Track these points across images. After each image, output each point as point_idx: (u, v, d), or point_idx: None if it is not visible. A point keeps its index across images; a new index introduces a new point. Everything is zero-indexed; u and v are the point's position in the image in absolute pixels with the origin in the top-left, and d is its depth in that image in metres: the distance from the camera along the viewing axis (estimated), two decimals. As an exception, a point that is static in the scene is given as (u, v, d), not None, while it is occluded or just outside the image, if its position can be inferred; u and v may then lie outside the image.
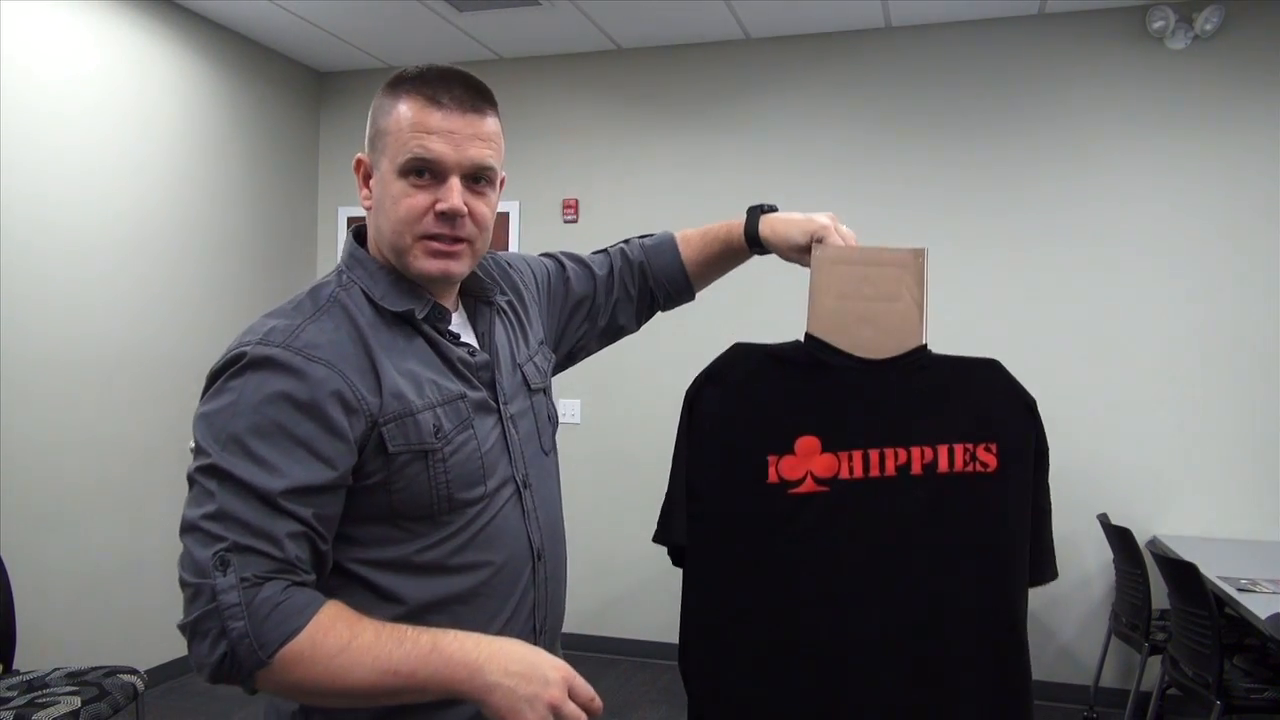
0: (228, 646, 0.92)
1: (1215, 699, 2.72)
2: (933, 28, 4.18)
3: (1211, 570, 3.02)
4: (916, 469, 1.20)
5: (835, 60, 4.31)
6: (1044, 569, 1.23)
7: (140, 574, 3.88)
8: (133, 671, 2.76)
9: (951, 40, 4.16)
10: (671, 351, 4.31)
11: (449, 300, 1.19)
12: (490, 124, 1.11)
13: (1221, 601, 2.89)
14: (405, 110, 1.07)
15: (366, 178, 1.14)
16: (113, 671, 2.72)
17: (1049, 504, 1.24)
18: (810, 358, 1.24)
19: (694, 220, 1.55)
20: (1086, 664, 3.90)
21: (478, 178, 1.10)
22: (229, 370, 1.00)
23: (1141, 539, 3.69)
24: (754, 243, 1.38)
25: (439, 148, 1.06)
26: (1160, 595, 3.29)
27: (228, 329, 4.31)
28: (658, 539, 1.27)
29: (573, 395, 4.52)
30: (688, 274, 1.46)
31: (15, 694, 2.55)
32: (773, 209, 1.40)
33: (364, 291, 1.11)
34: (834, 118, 4.30)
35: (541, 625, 1.19)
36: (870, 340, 1.22)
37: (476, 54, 4.63)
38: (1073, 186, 4.01)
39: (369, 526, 1.06)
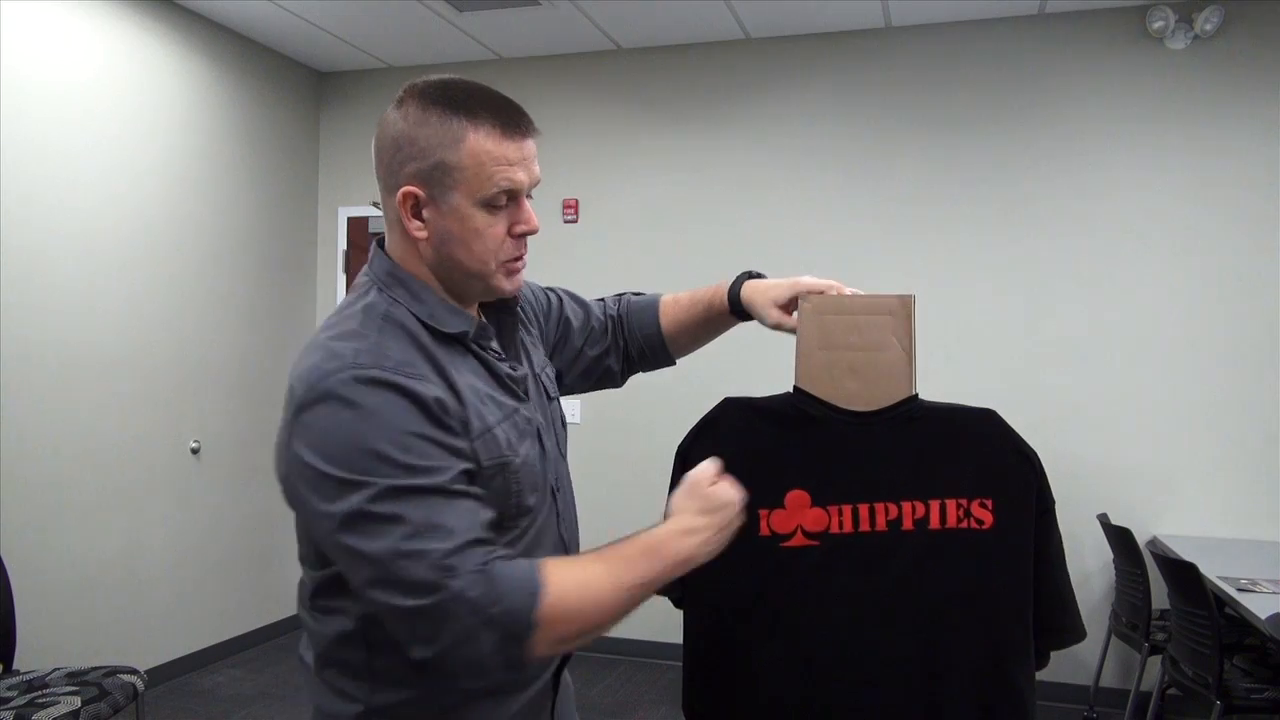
0: (497, 632, 0.95)
1: (1215, 699, 2.72)
2: (933, 28, 4.18)
3: (1211, 570, 3.02)
4: (908, 524, 1.19)
5: (835, 60, 4.30)
6: (1062, 628, 1.20)
7: (140, 574, 3.88)
8: (133, 671, 2.76)
9: (951, 40, 4.16)
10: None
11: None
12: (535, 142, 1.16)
13: (1221, 601, 2.89)
14: (482, 143, 1.07)
15: (415, 210, 1.09)
16: (113, 671, 2.72)
17: (1060, 557, 1.21)
18: (798, 411, 1.24)
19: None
20: (1086, 664, 3.89)
21: (529, 193, 1.16)
22: (329, 399, 0.98)
23: (1141, 539, 3.69)
24: (735, 305, 1.37)
25: (520, 176, 1.10)
26: (1160, 595, 3.29)
27: (228, 329, 4.31)
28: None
29: (573, 395, 4.52)
30: (664, 338, 1.46)
31: (15, 694, 2.56)
32: (760, 275, 1.38)
33: (410, 311, 1.10)
34: (834, 118, 4.29)
35: None
36: (857, 392, 1.22)
37: (476, 54, 4.63)
38: (1072, 185, 4.01)
39: None
